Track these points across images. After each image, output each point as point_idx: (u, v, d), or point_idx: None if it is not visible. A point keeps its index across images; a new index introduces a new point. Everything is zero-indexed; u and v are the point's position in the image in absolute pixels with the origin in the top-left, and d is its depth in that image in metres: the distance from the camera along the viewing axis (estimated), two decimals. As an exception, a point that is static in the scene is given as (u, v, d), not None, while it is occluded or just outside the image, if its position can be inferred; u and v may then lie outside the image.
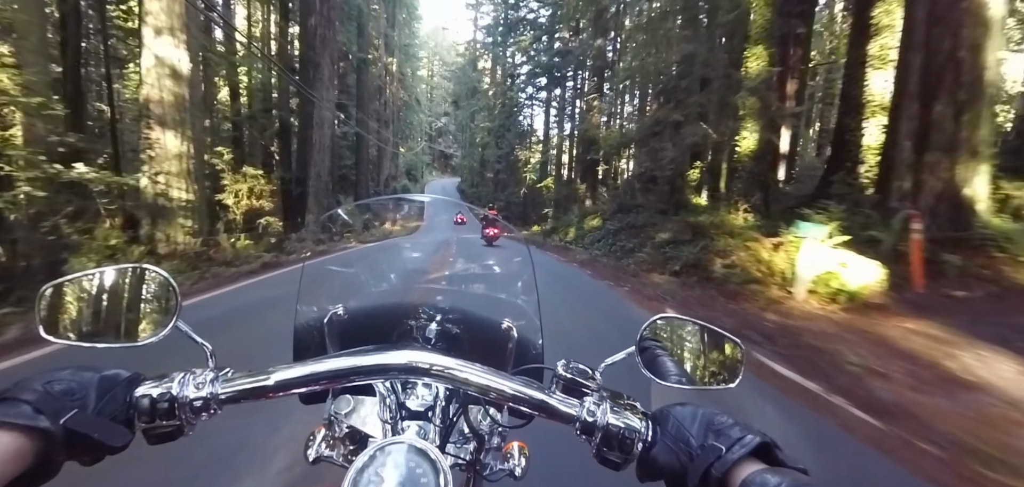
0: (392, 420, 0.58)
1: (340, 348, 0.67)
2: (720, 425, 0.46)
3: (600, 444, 0.49)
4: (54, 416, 0.39)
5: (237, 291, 6.78)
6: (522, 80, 39.64)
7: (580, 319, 5.74)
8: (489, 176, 49.65)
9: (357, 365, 0.48)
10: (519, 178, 39.81)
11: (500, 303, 0.86)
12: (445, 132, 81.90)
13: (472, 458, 0.65)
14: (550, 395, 0.51)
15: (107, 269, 0.54)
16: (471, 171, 55.72)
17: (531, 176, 36.99)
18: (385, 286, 0.98)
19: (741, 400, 2.91)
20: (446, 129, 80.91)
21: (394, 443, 0.46)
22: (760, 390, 3.33)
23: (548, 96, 42.88)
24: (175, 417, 0.47)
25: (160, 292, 0.55)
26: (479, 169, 53.26)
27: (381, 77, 42.99)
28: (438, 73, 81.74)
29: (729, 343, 0.61)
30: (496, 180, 45.40)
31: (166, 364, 0.53)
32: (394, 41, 45.62)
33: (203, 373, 0.49)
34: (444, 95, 77.72)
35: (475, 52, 59.23)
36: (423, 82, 72.33)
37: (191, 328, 0.52)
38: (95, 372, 0.45)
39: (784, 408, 3.07)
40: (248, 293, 6.63)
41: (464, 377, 0.49)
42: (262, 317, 5.05)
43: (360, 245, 3.78)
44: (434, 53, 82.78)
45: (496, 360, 0.60)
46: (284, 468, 1.99)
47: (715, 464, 0.42)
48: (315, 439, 0.65)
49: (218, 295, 6.40)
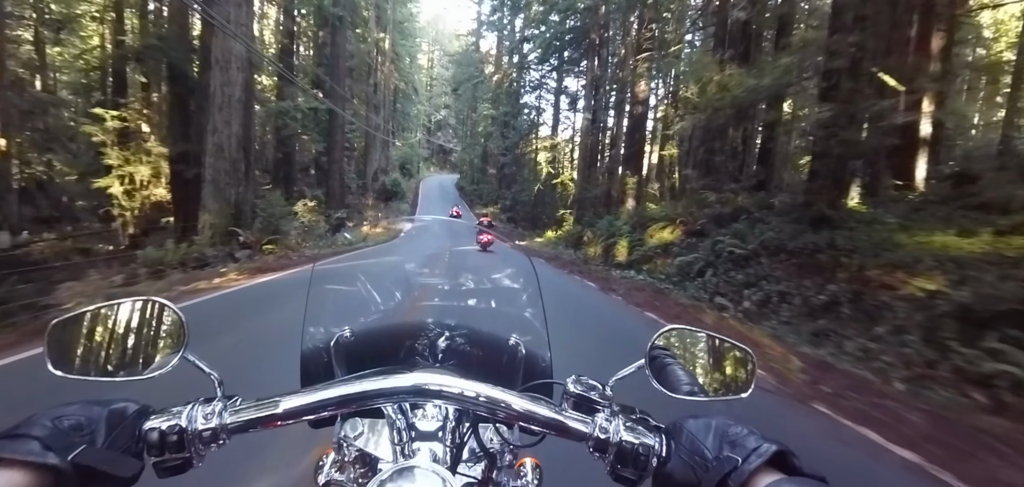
0: (402, 442, 0.56)
1: (348, 370, 0.68)
2: (735, 435, 0.44)
3: (614, 461, 0.48)
4: (63, 452, 0.39)
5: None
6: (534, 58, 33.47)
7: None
8: (492, 171, 43.54)
9: (365, 390, 0.48)
10: (530, 173, 33.71)
11: (506, 318, 0.85)
12: (445, 125, 75.89)
13: (484, 477, 0.63)
14: (561, 412, 0.50)
15: (114, 303, 0.55)
16: (472, 167, 49.68)
17: (548, 169, 30.84)
18: (391, 305, 0.90)
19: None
20: (446, 122, 74.86)
21: (405, 467, 0.46)
22: None
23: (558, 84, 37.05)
24: (185, 449, 0.46)
25: (167, 323, 0.55)
26: (481, 164, 47.18)
27: (370, 55, 37.08)
28: (438, 62, 75.78)
29: (739, 352, 0.61)
30: (500, 176, 39.24)
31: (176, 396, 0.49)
32: (387, 15, 39.65)
33: (212, 403, 0.48)
34: (444, 87, 71.66)
35: (479, 28, 53.00)
36: (421, 70, 66.27)
37: (199, 358, 0.52)
38: (104, 406, 0.45)
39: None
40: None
41: (473, 396, 0.48)
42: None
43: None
44: (434, 42, 76.97)
45: (504, 377, 0.64)
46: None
47: (731, 475, 0.41)
48: (325, 464, 0.65)
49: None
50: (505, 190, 36.89)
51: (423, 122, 71.96)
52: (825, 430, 3.18)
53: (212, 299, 5.99)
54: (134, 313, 0.56)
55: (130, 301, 0.55)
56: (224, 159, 9.74)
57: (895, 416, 3.38)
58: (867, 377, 4.20)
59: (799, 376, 4.20)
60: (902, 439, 3.04)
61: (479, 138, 46.50)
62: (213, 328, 4.44)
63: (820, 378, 4.16)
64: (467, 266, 1.23)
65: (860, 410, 3.48)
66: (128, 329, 0.56)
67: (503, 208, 34.70)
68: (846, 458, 2.82)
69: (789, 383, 4.04)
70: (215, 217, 9.71)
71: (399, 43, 45.97)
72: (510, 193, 35.16)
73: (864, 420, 3.30)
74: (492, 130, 41.26)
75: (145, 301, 0.56)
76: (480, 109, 48.25)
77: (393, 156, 49.94)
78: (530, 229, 27.32)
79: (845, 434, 3.14)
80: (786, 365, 4.44)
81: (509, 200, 34.89)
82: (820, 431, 3.16)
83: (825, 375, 4.26)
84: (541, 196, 29.83)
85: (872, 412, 3.44)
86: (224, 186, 9.80)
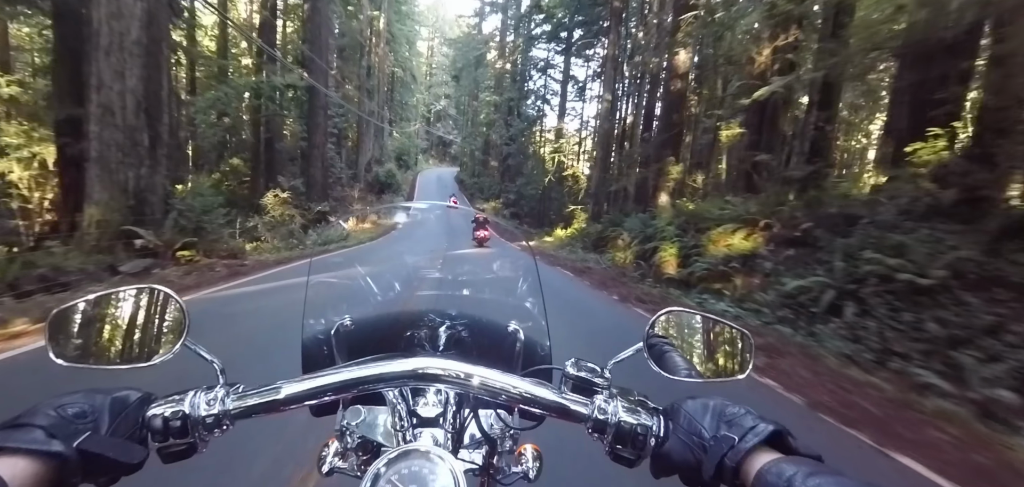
0: (403, 428, 0.56)
1: (349, 358, 0.66)
2: (732, 415, 0.45)
3: (613, 442, 0.49)
4: (68, 439, 0.39)
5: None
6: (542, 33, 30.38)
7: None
8: (494, 164, 40.41)
9: (366, 375, 0.48)
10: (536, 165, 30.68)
11: (505, 306, 0.84)
12: (445, 116, 72.68)
13: (485, 462, 0.63)
14: (561, 395, 0.51)
15: (115, 291, 0.55)
16: (473, 158, 46.57)
17: (557, 159, 27.82)
18: (391, 294, 0.92)
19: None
20: (446, 112, 71.63)
21: (407, 451, 0.46)
22: None
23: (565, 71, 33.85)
24: (188, 435, 0.46)
25: (168, 311, 0.55)
26: (482, 156, 44.09)
27: (363, 34, 33.97)
28: (438, 51, 72.45)
29: (737, 333, 0.61)
30: (503, 167, 36.11)
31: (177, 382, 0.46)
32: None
33: (214, 390, 0.48)
34: (444, 76, 68.29)
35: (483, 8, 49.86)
36: (421, 57, 62.87)
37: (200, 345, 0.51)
38: (107, 394, 0.45)
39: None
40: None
41: (474, 380, 0.49)
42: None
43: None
44: (435, 28, 73.66)
45: (504, 363, 0.61)
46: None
47: (728, 454, 0.41)
48: (328, 451, 0.65)
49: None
50: (508, 183, 33.79)
51: (422, 113, 68.66)
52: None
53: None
54: (134, 301, 0.55)
55: (130, 290, 0.55)
56: (114, 127, 6.71)
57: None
58: None
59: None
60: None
61: (480, 127, 43.38)
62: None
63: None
64: (468, 257, 0.73)
65: None
66: (129, 317, 0.55)
67: (505, 202, 31.61)
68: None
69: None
70: (103, 211, 6.72)
71: (396, 24, 42.68)
72: (514, 186, 32.11)
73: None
74: (495, 118, 38.11)
75: (145, 289, 0.56)
76: (482, 97, 45.11)
77: (390, 147, 46.69)
78: (537, 226, 24.29)
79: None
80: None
81: (513, 194, 31.81)
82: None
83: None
84: (548, 191, 26.82)
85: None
86: (116, 166, 6.80)
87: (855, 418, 3.13)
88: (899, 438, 2.87)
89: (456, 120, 65.55)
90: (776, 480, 0.37)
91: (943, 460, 2.64)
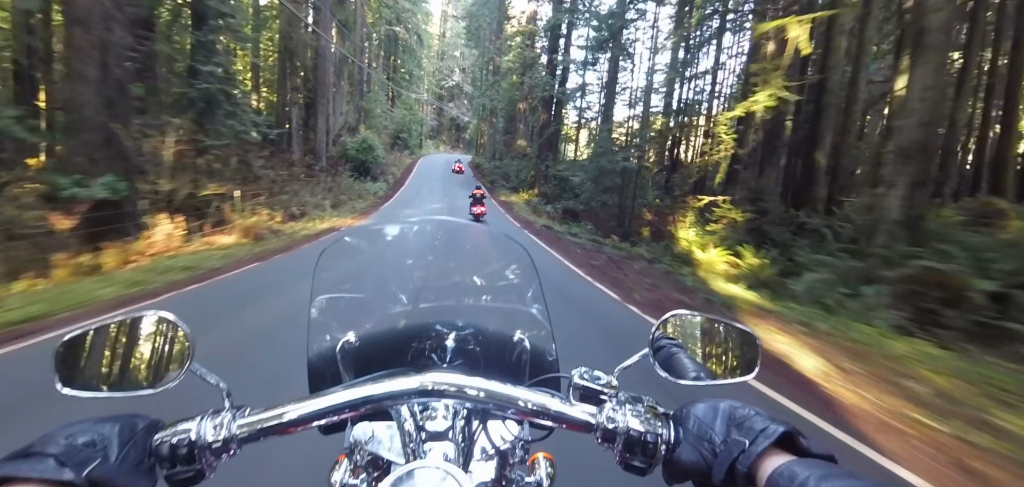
0: (412, 444, 0.55)
1: (354, 375, 0.66)
2: (742, 417, 0.44)
3: (623, 450, 0.48)
4: (78, 468, 0.39)
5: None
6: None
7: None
8: (521, 143, 29.99)
9: (373, 393, 0.48)
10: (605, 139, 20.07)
11: (510, 315, 0.82)
12: (458, 94, 62.34)
13: (497, 475, 0.62)
14: (569, 405, 0.51)
15: (119, 318, 0.54)
16: (493, 139, 36.20)
17: (663, 123, 17.27)
18: (395, 308, 0.87)
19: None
20: (460, 89, 61.24)
21: (417, 468, 0.45)
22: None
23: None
24: (195, 461, 0.46)
25: (172, 336, 0.55)
26: (504, 136, 33.70)
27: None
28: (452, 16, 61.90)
29: (743, 334, 0.61)
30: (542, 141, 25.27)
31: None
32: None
33: (220, 414, 0.48)
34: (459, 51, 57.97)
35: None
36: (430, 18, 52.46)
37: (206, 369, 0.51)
38: (114, 421, 0.44)
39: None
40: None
41: (481, 394, 0.48)
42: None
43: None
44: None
45: (511, 373, 0.62)
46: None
47: (740, 458, 0.41)
48: (338, 470, 0.64)
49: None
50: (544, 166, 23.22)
51: (430, 87, 58.46)
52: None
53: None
54: (139, 327, 0.55)
55: (135, 315, 0.54)
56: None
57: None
58: None
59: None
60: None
61: (503, 95, 32.82)
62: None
63: None
64: (470, 264, 1.00)
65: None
66: (134, 344, 0.55)
67: (543, 196, 21.18)
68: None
69: None
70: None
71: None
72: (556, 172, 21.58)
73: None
74: (524, 79, 27.65)
75: (149, 315, 0.55)
76: (504, 63, 34.70)
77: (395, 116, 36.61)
78: (622, 238, 13.60)
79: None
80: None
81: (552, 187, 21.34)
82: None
83: None
84: (628, 179, 16.16)
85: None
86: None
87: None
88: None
89: (471, 98, 55.14)
90: (788, 483, 0.36)
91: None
